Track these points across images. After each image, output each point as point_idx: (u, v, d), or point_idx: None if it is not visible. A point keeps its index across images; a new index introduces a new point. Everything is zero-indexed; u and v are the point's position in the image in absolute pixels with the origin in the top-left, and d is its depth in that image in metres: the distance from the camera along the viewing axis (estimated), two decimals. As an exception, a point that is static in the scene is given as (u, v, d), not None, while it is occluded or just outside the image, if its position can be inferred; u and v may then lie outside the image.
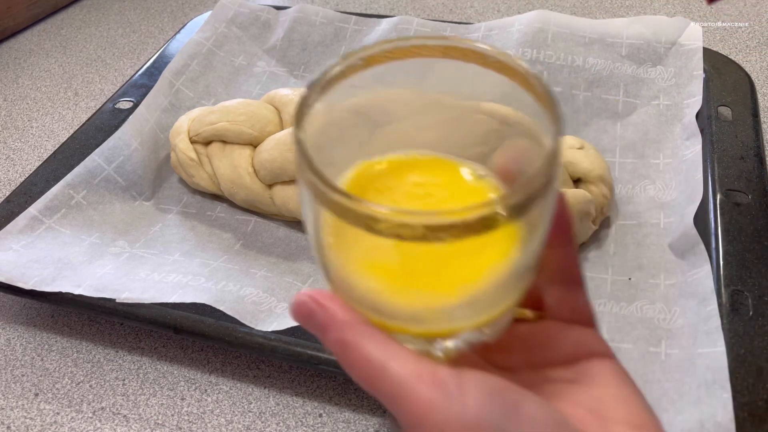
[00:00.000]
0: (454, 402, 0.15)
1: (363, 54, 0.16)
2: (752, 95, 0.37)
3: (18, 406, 0.28)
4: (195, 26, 0.47)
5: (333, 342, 0.16)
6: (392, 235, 0.14)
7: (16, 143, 0.45)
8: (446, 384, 0.16)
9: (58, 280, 0.30)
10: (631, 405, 0.17)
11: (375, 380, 0.16)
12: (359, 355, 0.16)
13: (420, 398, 0.15)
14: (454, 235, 0.14)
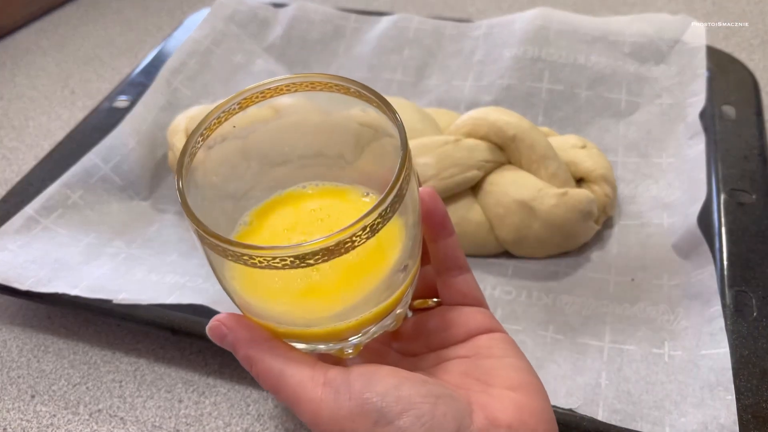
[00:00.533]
0: (341, 396, 0.17)
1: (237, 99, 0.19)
2: (756, 94, 0.37)
3: (14, 408, 0.28)
4: (193, 24, 0.47)
5: (241, 358, 0.19)
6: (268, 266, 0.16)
7: (12, 142, 0.44)
8: (334, 381, 0.18)
9: (55, 280, 0.30)
10: (512, 370, 0.19)
11: (277, 388, 0.18)
12: (261, 366, 0.18)
13: (312, 398, 0.18)
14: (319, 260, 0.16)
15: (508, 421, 0.18)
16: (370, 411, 0.17)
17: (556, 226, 0.30)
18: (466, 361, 0.20)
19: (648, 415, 0.24)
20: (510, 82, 0.39)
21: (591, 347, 0.27)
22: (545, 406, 0.19)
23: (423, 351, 0.21)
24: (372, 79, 0.43)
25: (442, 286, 0.21)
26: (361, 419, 0.17)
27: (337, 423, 0.17)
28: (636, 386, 0.25)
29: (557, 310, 0.29)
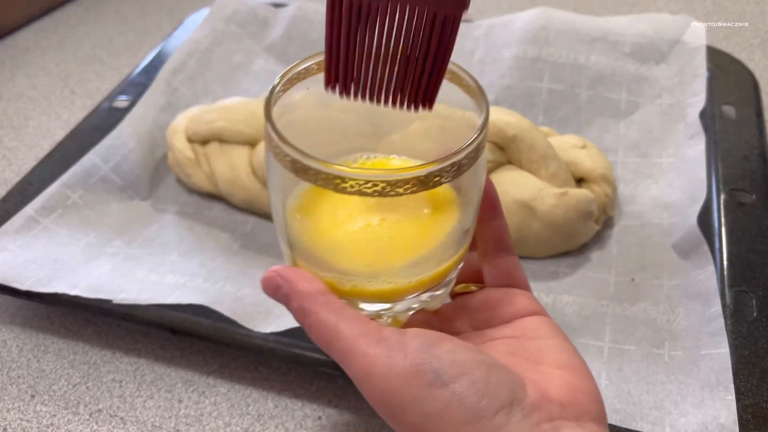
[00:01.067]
0: (395, 354, 0.17)
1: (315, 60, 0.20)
2: (756, 94, 0.37)
3: (14, 408, 0.28)
4: (193, 24, 0.46)
5: (294, 309, 0.19)
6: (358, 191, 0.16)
7: (12, 142, 0.44)
8: (389, 340, 0.18)
9: (55, 280, 0.30)
10: (560, 351, 0.19)
11: (328, 341, 0.18)
12: (316, 318, 0.19)
13: (366, 353, 0.18)
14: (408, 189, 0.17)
15: (560, 398, 0.18)
16: (425, 372, 0.17)
17: (556, 226, 0.30)
18: (512, 341, 0.20)
19: (648, 415, 0.24)
20: (510, 82, 0.39)
21: (591, 347, 0.27)
22: (595, 387, 0.19)
23: (466, 330, 0.21)
24: (372, 79, 0.43)
25: (488, 267, 0.22)
26: (414, 379, 0.17)
27: (389, 381, 0.17)
28: (636, 386, 0.25)
29: (557, 310, 0.29)
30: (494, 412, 0.17)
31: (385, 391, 0.17)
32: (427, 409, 0.17)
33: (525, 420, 0.17)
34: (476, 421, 0.17)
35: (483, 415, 0.17)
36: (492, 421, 0.17)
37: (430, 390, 0.17)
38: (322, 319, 0.18)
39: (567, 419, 0.17)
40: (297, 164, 0.17)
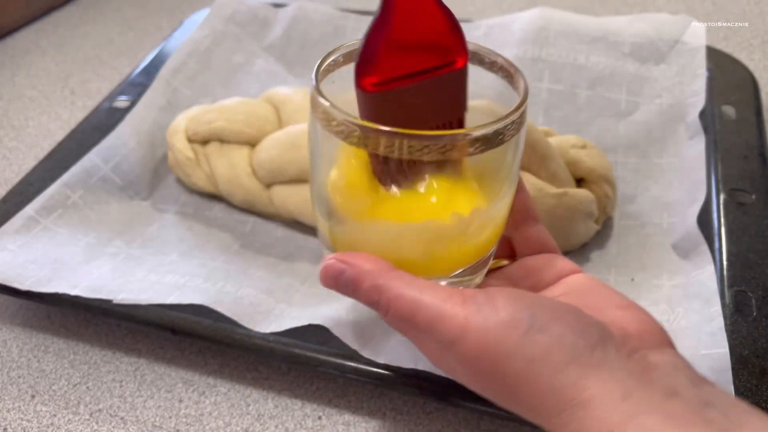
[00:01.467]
0: (486, 309, 0.18)
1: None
2: (756, 94, 0.37)
3: (14, 408, 0.28)
4: (193, 24, 0.47)
5: (368, 290, 0.19)
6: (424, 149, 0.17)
7: (12, 142, 0.44)
8: (475, 298, 0.18)
9: (55, 280, 0.30)
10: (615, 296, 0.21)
11: (411, 312, 0.18)
12: (394, 294, 0.18)
13: (456, 315, 0.18)
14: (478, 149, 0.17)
15: (636, 331, 0.19)
16: (520, 320, 0.18)
17: (556, 226, 0.30)
18: (567, 297, 0.21)
19: (648, 415, 0.24)
20: (510, 82, 0.39)
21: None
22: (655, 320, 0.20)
23: None
24: (372, 79, 0.43)
25: (519, 237, 0.23)
26: (511, 329, 0.17)
27: (487, 333, 0.17)
28: (636, 386, 0.25)
29: (557, 310, 0.29)
30: (591, 348, 0.18)
31: (485, 344, 0.18)
32: (530, 354, 0.17)
33: (618, 353, 0.18)
34: (577, 358, 0.17)
35: (582, 353, 0.17)
36: (591, 357, 0.17)
37: (528, 336, 0.17)
38: (402, 292, 0.18)
39: (648, 348, 0.19)
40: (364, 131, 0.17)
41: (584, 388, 0.17)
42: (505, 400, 0.18)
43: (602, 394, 0.17)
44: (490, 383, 0.18)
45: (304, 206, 0.33)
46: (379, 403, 0.27)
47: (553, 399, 0.17)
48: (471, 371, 0.18)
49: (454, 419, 0.27)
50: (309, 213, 0.33)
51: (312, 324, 0.27)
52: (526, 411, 0.18)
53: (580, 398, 0.17)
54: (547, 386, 0.17)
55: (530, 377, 0.17)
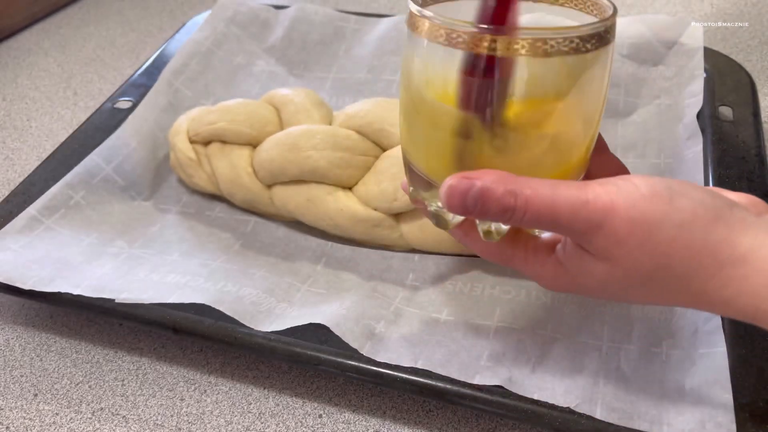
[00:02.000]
0: (627, 187, 0.18)
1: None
2: (753, 95, 0.37)
3: (17, 407, 0.28)
4: (194, 25, 0.47)
5: (501, 197, 0.19)
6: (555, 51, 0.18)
7: (14, 143, 0.45)
8: (611, 182, 0.19)
9: (57, 280, 0.30)
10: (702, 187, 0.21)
11: (551, 207, 0.19)
12: (530, 193, 0.19)
13: (599, 197, 0.18)
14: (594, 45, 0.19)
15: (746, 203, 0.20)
16: (661, 191, 0.18)
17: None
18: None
19: (646, 413, 0.24)
20: (509, 83, 0.39)
21: (589, 346, 0.27)
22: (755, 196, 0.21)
23: None
24: (372, 80, 0.43)
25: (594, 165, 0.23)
26: (656, 199, 0.18)
27: (634, 207, 0.18)
28: (634, 385, 0.25)
29: (556, 310, 0.29)
30: (729, 208, 0.19)
31: (634, 216, 0.18)
32: (678, 219, 0.18)
33: (748, 212, 0.19)
34: (723, 217, 0.18)
35: (724, 211, 0.18)
36: (733, 215, 0.18)
37: (673, 202, 0.18)
38: (538, 192, 0.19)
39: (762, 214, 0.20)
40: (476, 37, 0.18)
41: (738, 244, 0.18)
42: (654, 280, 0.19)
43: (757, 246, 0.18)
44: (638, 264, 0.19)
45: (305, 206, 0.33)
46: (379, 401, 0.28)
47: (709, 258, 0.18)
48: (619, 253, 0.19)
49: (454, 418, 0.27)
50: (309, 213, 0.33)
51: (312, 323, 0.27)
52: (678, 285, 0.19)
53: (737, 253, 0.18)
54: (701, 246, 0.18)
55: (683, 241, 0.18)
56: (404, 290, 0.30)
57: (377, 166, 0.33)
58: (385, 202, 0.32)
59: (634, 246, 0.18)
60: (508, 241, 0.22)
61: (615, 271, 0.19)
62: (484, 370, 0.25)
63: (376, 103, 0.34)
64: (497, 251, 0.23)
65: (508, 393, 0.24)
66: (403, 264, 0.32)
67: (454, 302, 0.29)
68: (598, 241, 0.19)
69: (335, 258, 0.33)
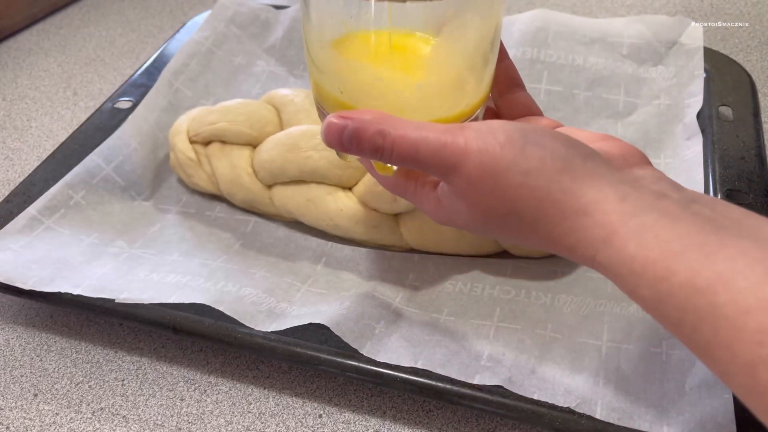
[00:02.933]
0: (484, 134, 0.19)
1: None
2: (753, 95, 0.37)
3: (17, 407, 0.28)
4: (194, 25, 0.47)
5: (371, 136, 0.20)
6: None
7: (14, 143, 0.45)
8: (472, 126, 0.19)
9: (57, 280, 0.30)
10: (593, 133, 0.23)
11: (415, 147, 0.19)
12: (397, 134, 0.19)
13: (457, 141, 0.19)
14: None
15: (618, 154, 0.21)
16: (515, 139, 0.19)
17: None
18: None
19: (646, 413, 0.24)
20: (509, 83, 0.39)
21: (589, 346, 0.27)
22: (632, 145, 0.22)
23: None
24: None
25: (505, 104, 0.24)
26: (508, 145, 0.19)
27: (486, 152, 0.19)
28: (634, 385, 0.25)
29: (555, 310, 0.29)
30: (582, 159, 0.19)
31: (484, 163, 0.19)
32: (526, 167, 0.19)
33: (607, 165, 0.19)
34: (571, 168, 0.19)
35: (575, 163, 0.19)
36: (584, 167, 0.19)
37: (524, 150, 0.19)
38: (405, 132, 0.19)
39: (631, 167, 0.20)
40: None
41: (581, 195, 0.18)
42: (507, 223, 0.20)
43: (600, 199, 0.18)
44: (491, 205, 0.19)
45: (305, 207, 0.33)
46: (379, 401, 0.28)
47: (553, 207, 0.18)
48: (473, 196, 0.20)
49: (454, 418, 0.27)
50: (309, 213, 0.33)
51: (313, 323, 0.27)
52: (529, 230, 0.19)
53: (579, 204, 0.18)
54: (544, 194, 0.18)
55: (529, 188, 0.19)
56: (404, 290, 0.30)
57: (377, 166, 0.33)
58: (384, 202, 0.32)
59: (485, 189, 0.19)
60: (402, 173, 0.24)
61: (474, 210, 0.20)
62: (484, 370, 0.25)
63: (376, 103, 0.34)
64: (393, 183, 0.24)
65: (508, 393, 0.24)
66: (403, 264, 0.32)
67: (454, 302, 0.29)
68: (456, 182, 0.20)
69: (335, 258, 0.33)
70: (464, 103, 0.22)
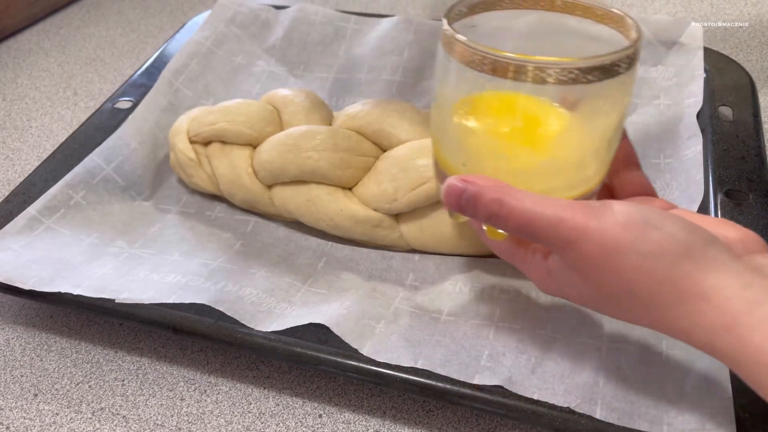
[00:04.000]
0: (604, 213, 0.19)
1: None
2: (753, 95, 0.37)
3: (17, 407, 0.28)
4: (194, 25, 0.47)
5: (488, 202, 0.20)
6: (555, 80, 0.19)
7: (15, 143, 0.45)
8: (592, 206, 0.20)
9: (57, 280, 0.30)
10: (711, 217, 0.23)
11: (531, 219, 0.20)
12: (514, 204, 0.20)
13: (575, 218, 0.19)
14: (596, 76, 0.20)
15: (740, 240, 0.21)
16: (636, 220, 0.19)
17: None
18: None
19: (646, 413, 0.24)
20: (509, 84, 0.39)
21: (589, 346, 0.27)
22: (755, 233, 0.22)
23: None
24: (372, 80, 0.43)
25: (619, 182, 0.24)
26: (629, 226, 0.19)
27: (603, 234, 0.19)
28: (634, 385, 0.25)
29: (555, 310, 0.29)
30: (703, 244, 0.19)
31: (603, 242, 0.19)
32: (646, 249, 0.19)
33: (728, 252, 0.19)
34: (692, 254, 0.18)
35: (696, 249, 0.19)
36: (705, 252, 0.19)
37: (644, 232, 0.19)
38: (521, 203, 0.20)
39: (751, 254, 0.20)
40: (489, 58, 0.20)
41: (702, 280, 0.18)
42: (621, 302, 0.20)
43: (722, 285, 0.18)
44: (606, 284, 0.19)
45: (305, 207, 0.33)
46: (379, 401, 0.28)
47: (671, 291, 0.18)
48: (588, 273, 0.20)
49: (454, 418, 0.27)
50: (309, 213, 0.33)
51: (313, 323, 0.27)
52: (642, 310, 0.19)
53: (699, 289, 0.18)
54: (664, 277, 0.18)
55: (647, 270, 0.19)
56: (404, 290, 0.30)
57: (377, 166, 0.33)
58: (384, 202, 0.32)
59: (602, 268, 0.19)
60: (513, 240, 0.24)
61: (588, 287, 0.20)
62: (484, 370, 0.25)
63: (376, 104, 0.34)
64: (502, 248, 0.24)
65: (508, 393, 0.24)
66: (403, 264, 0.32)
67: (454, 302, 0.29)
68: (572, 258, 0.20)
69: (335, 258, 0.33)
70: (584, 181, 0.23)
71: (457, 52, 0.21)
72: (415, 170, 0.31)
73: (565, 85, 0.20)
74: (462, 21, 0.23)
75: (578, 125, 0.21)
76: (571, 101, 0.21)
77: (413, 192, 0.31)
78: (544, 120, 0.22)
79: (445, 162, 0.24)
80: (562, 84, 0.20)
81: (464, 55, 0.21)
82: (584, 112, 0.21)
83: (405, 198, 0.31)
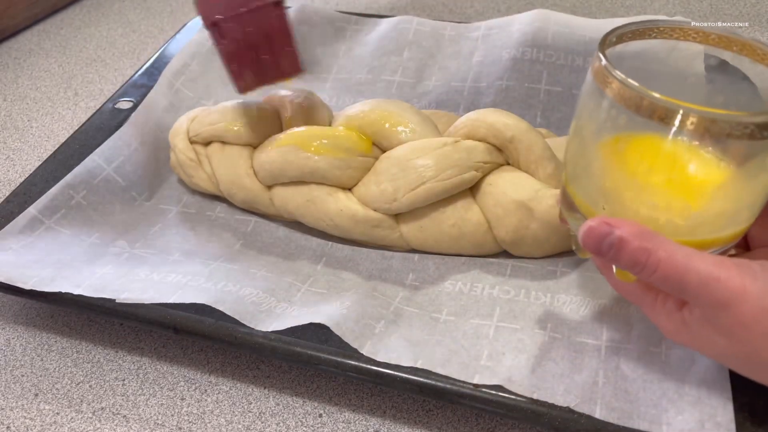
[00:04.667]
0: (764, 275, 0.18)
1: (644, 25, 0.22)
2: (753, 95, 0.37)
3: (18, 407, 0.28)
4: (195, 26, 0.47)
5: (634, 251, 0.19)
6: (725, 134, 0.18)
7: (15, 143, 0.45)
8: (751, 266, 0.19)
9: (58, 280, 0.30)
10: None
11: (682, 273, 0.19)
12: (664, 254, 0.19)
13: (732, 279, 0.18)
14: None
15: None
16: None
17: (553, 226, 0.30)
18: None
19: (645, 413, 0.24)
20: (508, 84, 0.39)
21: (588, 346, 0.27)
22: None
23: None
24: (372, 80, 0.43)
25: (755, 230, 0.23)
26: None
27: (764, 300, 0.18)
28: (633, 384, 0.25)
29: (555, 309, 0.29)
30: None
31: (765, 306, 0.18)
32: None
33: None
34: None
35: None
36: None
37: None
38: (671, 256, 0.19)
39: None
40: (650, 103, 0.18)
41: None
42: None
43: None
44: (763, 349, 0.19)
45: (305, 207, 0.33)
46: (379, 401, 0.28)
47: None
48: (739, 335, 0.19)
49: (453, 417, 0.27)
50: (309, 214, 0.34)
51: (313, 323, 0.27)
52: None
53: None
54: None
55: None
56: (404, 290, 0.31)
57: (377, 167, 0.33)
58: (384, 202, 0.32)
59: (759, 333, 0.18)
60: (643, 284, 0.23)
61: (735, 348, 0.19)
62: (484, 369, 0.25)
63: (376, 104, 0.34)
64: (629, 288, 0.23)
65: (507, 392, 0.24)
66: (403, 264, 0.32)
67: (454, 302, 0.29)
68: (723, 319, 0.19)
69: (335, 258, 0.33)
70: (730, 232, 0.21)
71: (613, 89, 0.19)
72: (415, 170, 0.31)
73: (738, 140, 0.18)
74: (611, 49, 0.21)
75: (740, 178, 0.20)
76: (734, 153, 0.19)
77: (413, 192, 0.31)
78: (703, 171, 0.20)
79: (577, 197, 0.22)
80: (733, 138, 0.18)
81: (622, 95, 0.19)
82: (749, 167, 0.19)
83: (405, 198, 0.31)
